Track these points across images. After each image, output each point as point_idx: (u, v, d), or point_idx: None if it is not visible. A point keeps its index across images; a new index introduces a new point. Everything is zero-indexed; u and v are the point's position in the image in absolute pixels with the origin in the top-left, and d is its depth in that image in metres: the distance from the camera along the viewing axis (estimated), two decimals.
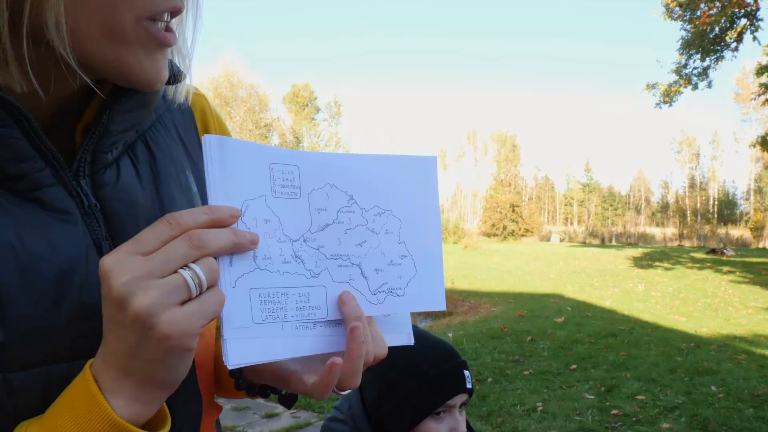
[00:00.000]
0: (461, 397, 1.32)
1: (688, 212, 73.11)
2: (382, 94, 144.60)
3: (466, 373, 1.34)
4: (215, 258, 0.56)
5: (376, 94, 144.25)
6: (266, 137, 30.80)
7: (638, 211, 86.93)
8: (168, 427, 0.58)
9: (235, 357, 0.59)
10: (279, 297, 0.62)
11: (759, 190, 65.35)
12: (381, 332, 0.71)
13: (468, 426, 1.40)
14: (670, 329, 9.16)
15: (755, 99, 18.19)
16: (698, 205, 73.65)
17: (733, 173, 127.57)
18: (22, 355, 0.54)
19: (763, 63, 17.16)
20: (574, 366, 6.80)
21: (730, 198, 75.10)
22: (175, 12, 0.60)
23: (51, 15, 0.52)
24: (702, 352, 7.50)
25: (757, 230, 47.07)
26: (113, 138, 0.66)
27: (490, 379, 6.30)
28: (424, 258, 0.73)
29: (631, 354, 7.30)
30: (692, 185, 75.58)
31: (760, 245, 43.99)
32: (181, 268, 0.53)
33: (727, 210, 73.81)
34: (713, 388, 5.87)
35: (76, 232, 0.60)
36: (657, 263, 21.43)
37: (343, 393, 0.70)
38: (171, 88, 0.73)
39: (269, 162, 0.63)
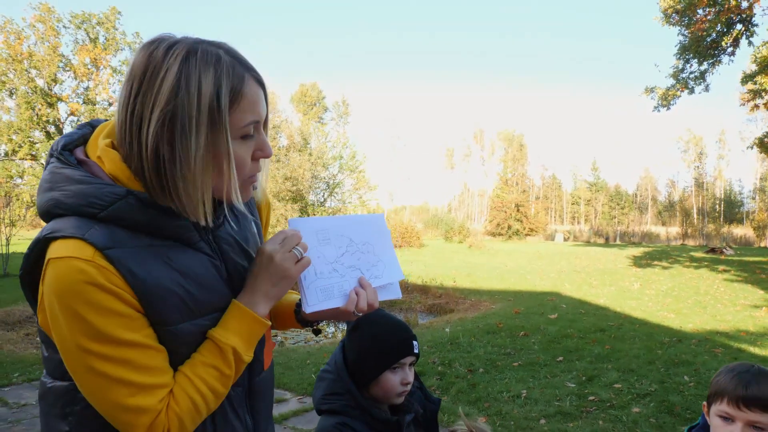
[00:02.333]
0: (410, 359, 1.93)
1: (694, 211, 73.26)
2: (388, 93, 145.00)
3: (415, 342, 1.95)
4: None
5: (382, 93, 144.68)
6: (275, 138, 31.30)
7: (641, 211, 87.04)
8: (269, 324, 1.32)
9: (311, 308, 1.36)
10: (330, 289, 1.39)
11: (763, 189, 65.46)
12: (377, 293, 1.46)
13: (416, 377, 2.00)
14: (657, 325, 9.67)
15: (744, 105, 18.63)
16: (701, 204, 73.80)
17: (739, 172, 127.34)
18: (191, 317, 1.20)
19: (748, 72, 17.59)
20: (560, 358, 7.34)
21: (733, 197, 75.16)
22: (266, 158, 1.31)
23: (223, 186, 1.20)
24: (683, 345, 8.01)
25: (760, 229, 47.24)
26: (220, 214, 1.32)
27: (481, 370, 6.85)
28: (387, 259, 1.52)
29: (615, 347, 7.83)
30: (698, 184, 75.75)
31: (763, 244, 44.22)
32: (295, 249, 1.29)
33: (734, 209, 73.88)
34: (686, 377, 6.39)
35: (219, 265, 1.30)
36: (656, 262, 21.87)
37: (358, 315, 1.43)
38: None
39: (315, 230, 1.41)
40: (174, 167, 1.12)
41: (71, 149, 1.24)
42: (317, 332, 1.60)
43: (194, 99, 1.11)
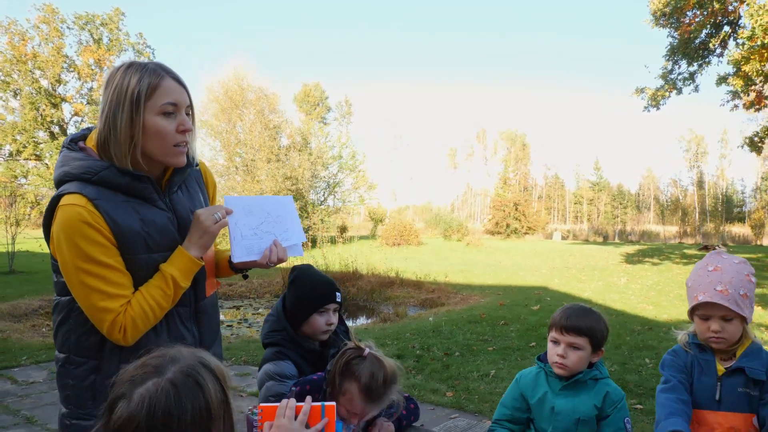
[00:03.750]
0: (333, 305, 2.49)
1: (697, 210, 73.62)
2: (391, 93, 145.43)
3: (338, 293, 2.51)
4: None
5: (384, 93, 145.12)
6: (275, 138, 31.75)
7: (639, 209, 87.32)
8: (202, 263, 1.82)
9: (237, 259, 1.90)
10: (251, 247, 1.93)
11: (761, 188, 65.72)
12: (286, 251, 1.99)
13: (343, 323, 2.51)
14: (633, 315, 10.14)
15: (723, 105, 19.07)
16: (697, 203, 74.18)
17: (743, 171, 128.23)
18: (149, 251, 1.74)
19: (720, 74, 18.05)
20: (533, 344, 7.81)
21: (731, 195, 75.53)
22: (187, 132, 1.80)
23: (148, 146, 1.74)
24: (652, 333, 8.47)
25: (758, 228, 47.62)
26: (175, 184, 1.86)
27: (457, 354, 7.32)
28: (294, 228, 2.03)
29: None
30: (699, 184, 76.10)
31: (759, 242, 44.56)
32: (216, 213, 1.90)
33: (734, 208, 74.24)
34: (647, 360, 6.86)
35: (171, 217, 1.83)
36: (647, 259, 22.33)
37: (271, 265, 1.94)
38: (192, 158, 1.94)
39: (243, 205, 1.89)
40: (110, 136, 1.77)
41: (76, 141, 1.89)
42: (245, 277, 2.16)
43: (123, 92, 1.75)
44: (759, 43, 14.56)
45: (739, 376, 2.22)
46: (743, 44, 15.55)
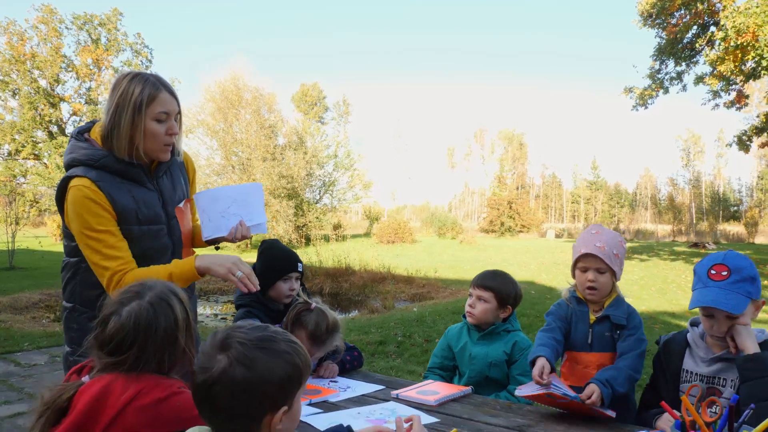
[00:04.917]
0: (295, 274, 2.89)
1: (693, 209, 74.06)
2: (391, 93, 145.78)
3: (299, 264, 2.91)
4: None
5: (384, 93, 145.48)
6: (270, 138, 32.07)
7: (633, 208, 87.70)
8: (199, 277, 2.26)
9: (205, 238, 2.36)
10: (219, 227, 2.34)
11: (755, 187, 66.13)
12: (251, 229, 2.37)
13: (303, 287, 2.89)
14: None
15: (704, 104, 19.49)
16: (691, 201, 74.62)
17: (740, 171, 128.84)
18: (139, 224, 2.17)
19: (698, 74, 18.47)
20: None
21: (725, 194, 75.99)
22: (174, 135, 2.25)
23: (143, 143, 2.19)
24: None
25: (751, 226, 47.91)
26: (161, 171, 2.28)
27: (437, 340, 7.68)
28: (258, 210, 2.41)
29: None
30: (695, 183, 76.55)
31: (751, 240, 44.90)
32: (238, 272, 2.23)
33: (730, 207, 74.70)
34: None
35: (157, 197, 2.32)
36: (636, 255, 22.70)
37: (237, 241, 2.34)
38: (176, 150, 2.36)
39: (209, 195, 2.33)
40: (113, 131, 2.19)
41: (82, 133, 2.31)
42: (217, 248, 2.57)
43: (128, 98, 2.16)
44: (732, 44, 15.00)
45: (606, 322, 2.67)
46: (719, 45, 15.96)
